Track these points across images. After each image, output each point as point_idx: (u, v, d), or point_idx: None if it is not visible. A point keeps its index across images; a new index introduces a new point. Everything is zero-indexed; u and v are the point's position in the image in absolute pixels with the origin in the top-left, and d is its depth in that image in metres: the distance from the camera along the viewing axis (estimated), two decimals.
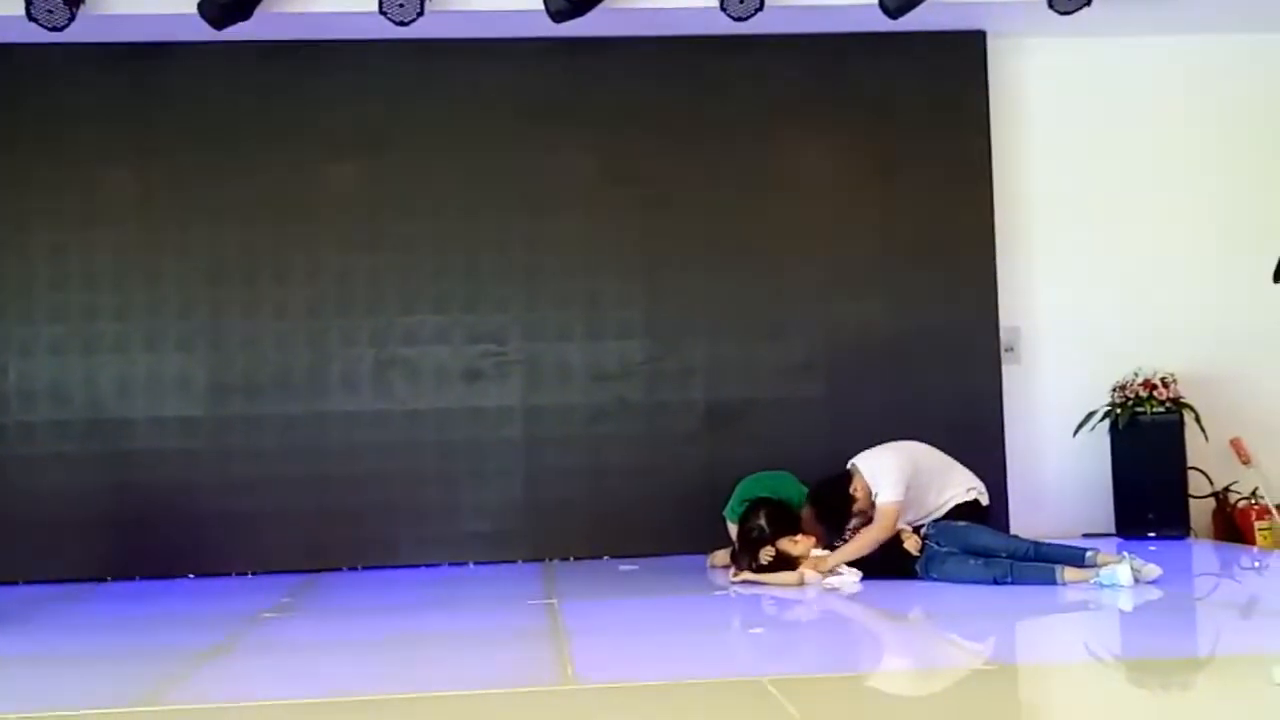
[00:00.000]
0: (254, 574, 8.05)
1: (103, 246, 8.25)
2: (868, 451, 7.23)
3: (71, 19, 7.50)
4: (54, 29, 7.52)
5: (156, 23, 7.90)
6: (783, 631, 6.03)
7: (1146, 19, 8.47)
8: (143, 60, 8.29)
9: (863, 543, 6.85)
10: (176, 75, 8.33)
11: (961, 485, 7.28)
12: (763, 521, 7.10)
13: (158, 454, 8.19)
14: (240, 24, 7.68)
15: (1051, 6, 7.92)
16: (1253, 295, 8.03)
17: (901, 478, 6.97)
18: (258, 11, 7.66)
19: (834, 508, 7.11)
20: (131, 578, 7.99)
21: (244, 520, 8.14)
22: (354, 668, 5.16)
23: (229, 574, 8.03)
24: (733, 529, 7.42)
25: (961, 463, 7.41)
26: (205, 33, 7.73)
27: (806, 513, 7.34)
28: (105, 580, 7.96)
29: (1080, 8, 7.89)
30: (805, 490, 7.44)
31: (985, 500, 7.31)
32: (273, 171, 8.34)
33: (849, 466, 7.16)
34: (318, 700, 4.54)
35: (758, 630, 6.08)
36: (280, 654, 5.60)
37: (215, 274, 8.29)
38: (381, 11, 7.63)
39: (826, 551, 6.92)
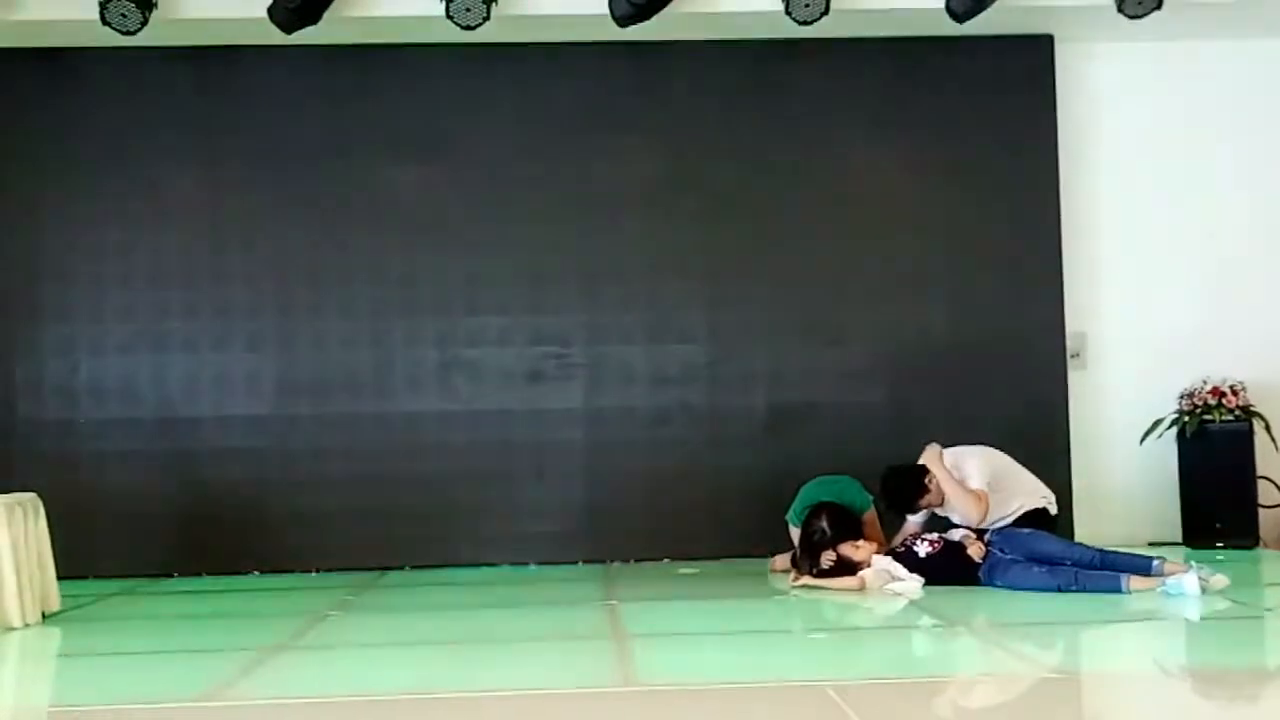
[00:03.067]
0: (318, 571, 8.12)
1: (171, 247, 8.37)
2: (944, 450, 7.19)
3: (144, 23, 7.61)
4: (127, 33, 7.63)
5: (226, 27, 8.00)
6: (844, 636, 6.00)
7: (1217, 22, 8.37)
8: (211, 63, 8.39)
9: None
10: (244, 78, 8.43)
11: (1033, 493, 7.23)
12: (825, 524, 7.07)
13: (225, 452, 8.29)
14: (309, 27, 7.76)
15: (1121, 10, 7.85)
16: None
17: (982, 475, 6.98)
18: (326, 15, 7.74)
19: (905, 492, 7.08)
20: (198, 574, 8.09)
21: (308, 518, 8.22)
22: (414, 667, 5.20)
23: (293, 571, 8.10)
24: (795, 533, 7.41)
25: (1027, 469, 7.36)
26: (274, 36, 7.82)
27: (869, 516, 7.31)
28: (171, 576, 8.06)
29: (1150, 12, 7.80)
30: (868, 496, 7.42)
31: (1054, 509, 7.26)
32: (338, 174, 8.42)
33: (921, 463, 7.13)
34: (378, 698, 4.58)
35: (819, 635, 6.06)
36: (342, 651, 5.65)
37: (282, 274, 8.38)
38: (448, 16, 7.68)
39: (888, 557, 6.87)
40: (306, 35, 7.83)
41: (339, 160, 8.42)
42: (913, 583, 6.70)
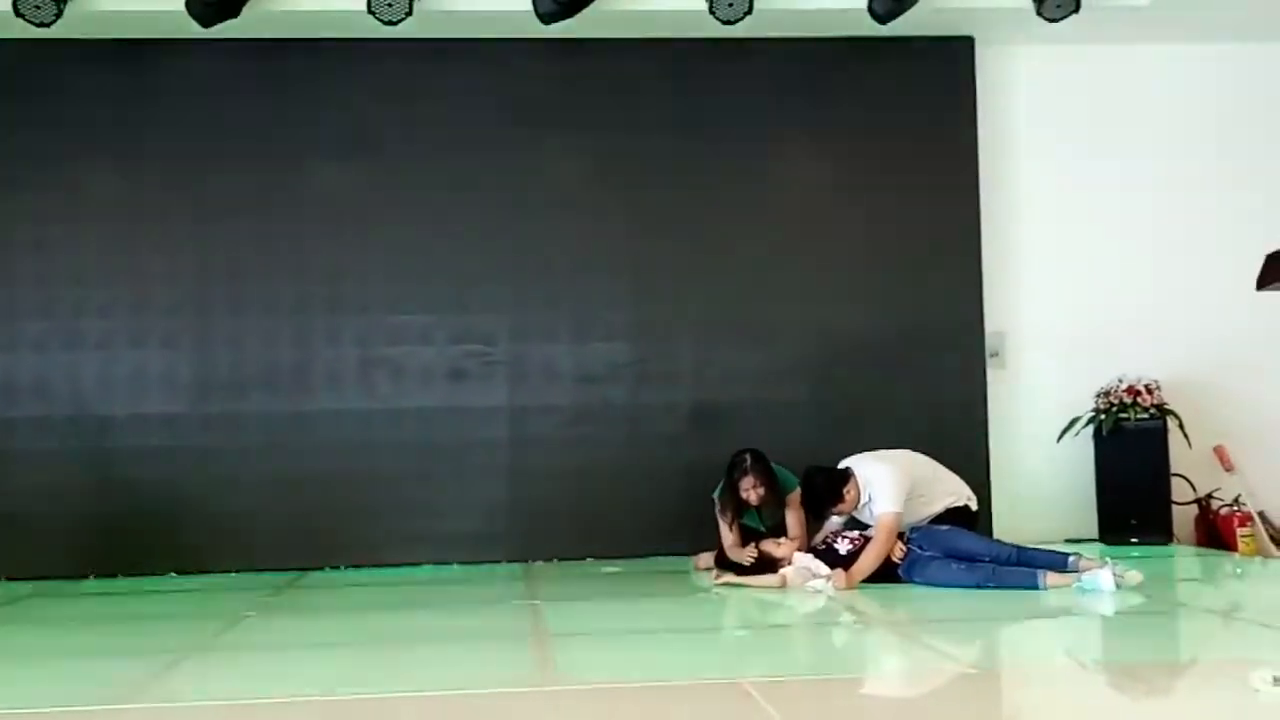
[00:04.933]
0: (237, 572, 8.02)
1: (88, 243, 8.25)
2: (865, 456, 7.22)
3: (59, 15, 7.49)
4: (41, 25, 7.51)
5: (144, 20, 7.89)
6: (764, 634, 6.02)
7: (1133, 26, 8.50)
8: (130, 57, 8.27)
9: (870, 560, 6.74)
10: (164, 72, 8.33)
11: (955, 493, 7.28)
12: (748, 456, 7.23)
13: (141, 451, 8.17)
14: (229, 21, 7.67)
15: (1040, 13, 7.94)
16: (1237, 302, 8.07)
17: (901, 490, 6.93)
18: (246, 9, 7.66)
19: (822, 497, 7.10)
20: (113, 575, 7.96)
21: (226, 518, 8.13)
22: (335, 668, 5.14)
23: (211, 572, 8.00)
24: (720, 517, 7.41)
25: (947, 466, 7.42)
26: (193, 30, 7.72)
27: (794, 497, 7.32)
28: (86, 578, 7.92)
29: (1068, 15, 7.91)
30: (795, 480, 7.37)
31: (975, 506, 7.33)
32: (260, 169, 8.33)
33: (844, 467, 7.15)
34: (297, 700, 4.52)
35: (739, 632, 6.08)
36: (259, 653, 5.58)
37: (201, 271, 8.29)
38: (370, 11, 7.62)
39: (809, 554, 6.91)
40: (226, 29, 7.74)
41: (259, 156, 8.33)
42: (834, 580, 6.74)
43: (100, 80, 8.29)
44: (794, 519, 7.33)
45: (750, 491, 7.26)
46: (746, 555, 7.04)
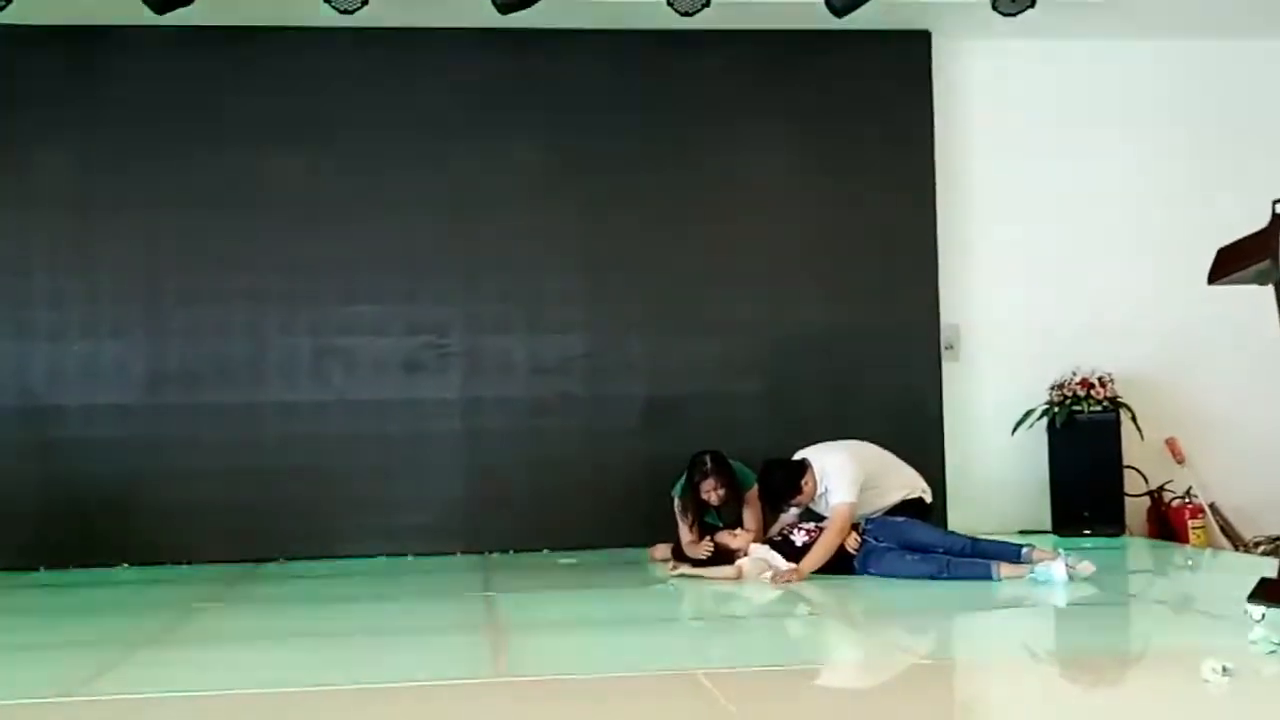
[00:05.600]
0: (189, 564, 7.96)
1: (37, 231, 8.15)
2: (820, 447, 7.23)
3: (9, 1, 7.38)
4: None
5: (97, 5, 7.80)
6: (720, 625, 6.02)
7: (1088, 21, 8.54)
8: (82, 42, 8.19)
9: (822, 550, 6.77)
10: (116, 58, 8.25)
11: (909, 484, 7.32)
12: (708, 458, 7.26)
13: (92, 442, 8.09)
14: (183, 8, 7.58)
15: (995, 8, 7.96)
16: (1189, 296, 8.07)
17: (855, 481, 6.95)
18: None
19: (779, 490, 7.11)
20: (65, 567, 7.88)
21: (179, 510, 8.06)
22: (287, 660, 5.11)
23: (164, 564, 7.92)
24: (680, 508, 7.43)
25: (901, 459, 7.44)
26: (147, 16, 7.62)
27: (751, 495, 7.33)
28: (38, 570, 7.84)
29: (1024, 10, 7.93)
30: (752, 477, 7.39)
31: (929, 498, 7.36)
32: (212, 158, 8.25)
33: (800, 459, 7.16)
34: (250, 693, 4.49)
35: (695, 623, 6.08)
36: (213, 646, 5.54)
37: (152, 261, 8.21)
38: None
39: (765, 546, 6.92)
40: (180, 16, 7.65)
41: (212, 144, 8.26)
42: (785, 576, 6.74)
43: (52, 66, 8.20)
44: (750, 514, 7.34)
45: (711, 493, 7.27)
46: (703, 549, 7.05)
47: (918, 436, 8.27)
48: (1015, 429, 8.50)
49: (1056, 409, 8.39)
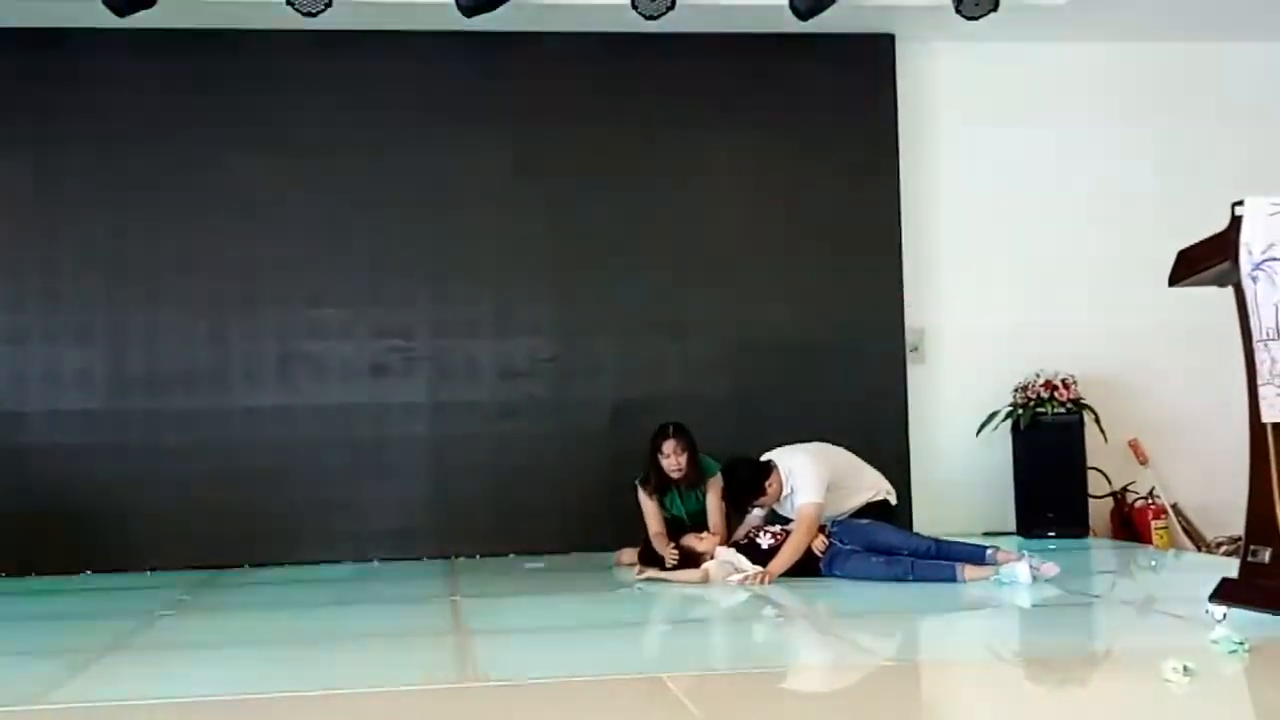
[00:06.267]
0: (153, 571, 7.91)
1: None
2: (786, 449, 7.24)
3: None
4: None
5: (57, 8, 7.74)
6: (686, 629, 6.03)
7: (1050, 25, 8.59)
8: (42, 45, 8.13)
9: (791, 551, 6.78)
10: (77, 61, 8.19)
11: (874, 486, 7.34)
12: (670, 425, 7.30)
13: (54, 448, 8.04)
14: (144, 10, 7.54)
15: (959, 11, 8.00)
16: (1152, 298, 8.12)
17: (822, 482, 6.97)
18: None
19: (744, 489, 7.12)
20: (26, 574, 7.82)
21: (143, 516, 8.02)
22: (251, 667, 5.08)
23: (127, 571, 7.88)
24: (643, 498, 7.44)
25: (866, 461, 7.47)
26: (108, 19, 7.57)
27: (715, 481, 7.36)
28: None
29: (987, 13, 7.97)
30: (718, 468, 7.38)
31: (894, 500, 7.39)
32: (175, 161, 8.22)
33: (766, 460, 7.17)
34: (214, 699, 4.46)
35: (661, 627, 6.08)
36: (177, 653, 5.50)
37: (116, 265, 8.16)
38: (288, 2, 7.52)
39: (731, 549, 6.93)
40: (142, 19, 7.61)
41: (176, 147, 8.23)
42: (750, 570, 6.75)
43: (12, 69, 8.14)
44: (714, 505, 7.35)
45: (672, 456, 7.27)
46: (669, 554, 7.04)
47: (883, 438, 8.30)
48: (980, 431, 8.54)
49: (1021, 411, 8.44)
